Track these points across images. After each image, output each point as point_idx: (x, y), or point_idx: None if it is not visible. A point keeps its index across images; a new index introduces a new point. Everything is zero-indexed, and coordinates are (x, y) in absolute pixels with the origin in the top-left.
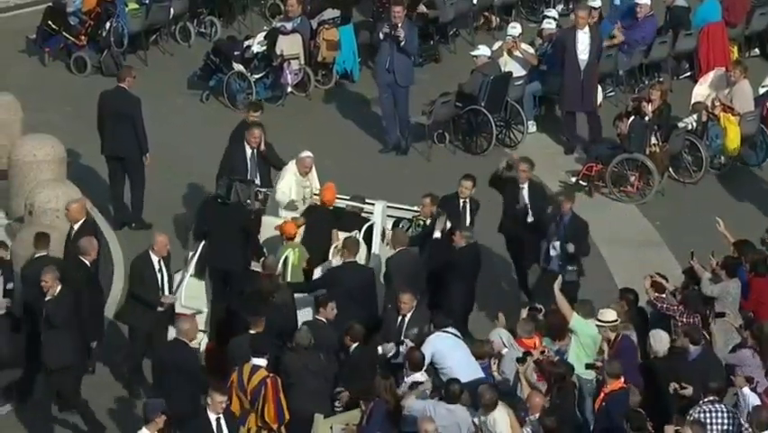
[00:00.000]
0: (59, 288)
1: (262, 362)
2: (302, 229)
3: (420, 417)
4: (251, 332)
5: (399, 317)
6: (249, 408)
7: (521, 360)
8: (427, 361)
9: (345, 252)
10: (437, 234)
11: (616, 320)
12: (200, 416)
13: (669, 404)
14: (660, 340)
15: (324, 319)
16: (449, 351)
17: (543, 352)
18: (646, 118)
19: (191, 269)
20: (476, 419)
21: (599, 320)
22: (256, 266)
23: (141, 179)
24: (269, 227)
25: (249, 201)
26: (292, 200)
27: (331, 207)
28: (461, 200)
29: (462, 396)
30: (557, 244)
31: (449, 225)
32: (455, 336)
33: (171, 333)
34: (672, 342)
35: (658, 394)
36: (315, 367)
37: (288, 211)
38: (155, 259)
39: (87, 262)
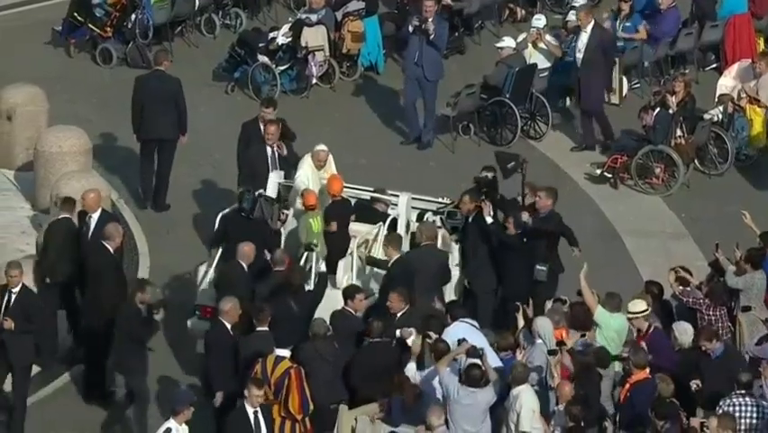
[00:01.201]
0: (19, 285)
1: (286, 352)
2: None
3: (429, 408)
4: (259, 329)
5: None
6: (272, 398)
7: (553, 352)
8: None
9: (390, 249)
10: (489, 219)
11: (646, 309)
12: (239, 411)
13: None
14: (684, 332)
15: (352, 310)
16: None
17: (583, 335)
18: (671, 110)
19: (215, 262)
20: (505, 401)
21: (630, 312)
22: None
23: (170, 162)
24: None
25: (271, 220)
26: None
27: (346, 199)
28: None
29: (483, 380)
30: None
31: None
32: (472, 325)
33: None
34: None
35: (687, 386)
36: (329, 356)
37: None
38: (245, 267)
39: (111, 249)
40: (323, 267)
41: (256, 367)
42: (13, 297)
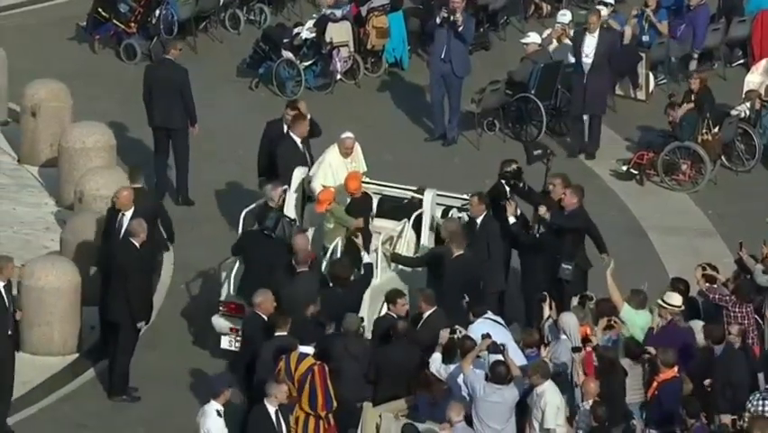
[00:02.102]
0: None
1: (309, 349)
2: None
3: (449, 404)
4: (277, 334)
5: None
6: (296, 395)
7: (577, 349)
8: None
9: (454, 246)
10: (512, 219)
11: (680, 306)
12: (261, 409)
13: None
14: (699, 331)
15: (395, 315)
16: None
17: (612, 324)
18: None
19: (234, 272)
20: (528, 399)
21: (665, 301)
22: None
23: (186, 153)
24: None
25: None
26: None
27: (368, 194)
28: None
29: (509, 377)
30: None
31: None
32: (496, 322)
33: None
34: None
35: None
36: (358, 354)
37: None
38: None
39: (137, 244)
40: (366, 258)
41: (280, 364)
42: (2, 290)
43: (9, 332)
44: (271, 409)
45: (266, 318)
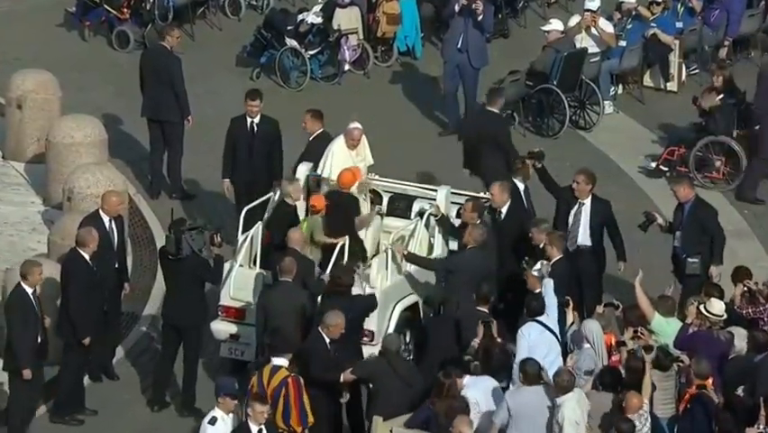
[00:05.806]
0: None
1: (283, 362)
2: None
3: (458, 417)
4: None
5: None
6: (271, 411)
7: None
8: (523, 354)
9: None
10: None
11: (722, 315)
12: (242, 428)
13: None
14: (740, 336)
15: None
16: (535, 346)
17: (639, 335)
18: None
19: (239, 259)
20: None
21: (707, 310)
22: None
23: (179, 146)
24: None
25: (201, 250)
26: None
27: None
28: (523, 185)
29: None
30: (678, 234)
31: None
32: (546, 327)
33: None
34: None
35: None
36: (402, 371)
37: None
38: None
39: (86, 255)
40: (369, 290)
41: (252, 380)
42: (32, 298)
43: (39, 340)
44: (254, 429)
45: (329, 341)
